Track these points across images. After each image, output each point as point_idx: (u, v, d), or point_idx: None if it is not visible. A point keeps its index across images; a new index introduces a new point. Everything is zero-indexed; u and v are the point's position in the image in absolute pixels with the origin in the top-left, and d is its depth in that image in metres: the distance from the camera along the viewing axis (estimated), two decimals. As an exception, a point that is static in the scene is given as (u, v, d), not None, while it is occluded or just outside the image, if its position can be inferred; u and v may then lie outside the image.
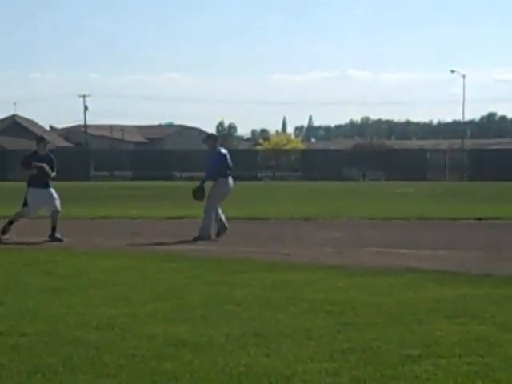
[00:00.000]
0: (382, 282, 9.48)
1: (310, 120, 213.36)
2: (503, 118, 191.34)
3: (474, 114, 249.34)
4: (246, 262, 11.41)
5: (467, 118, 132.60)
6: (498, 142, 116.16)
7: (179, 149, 71.72)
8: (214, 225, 14.89)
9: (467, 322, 7.13)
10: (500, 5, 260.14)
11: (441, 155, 63.84)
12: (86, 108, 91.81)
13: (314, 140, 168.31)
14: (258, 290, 8.90)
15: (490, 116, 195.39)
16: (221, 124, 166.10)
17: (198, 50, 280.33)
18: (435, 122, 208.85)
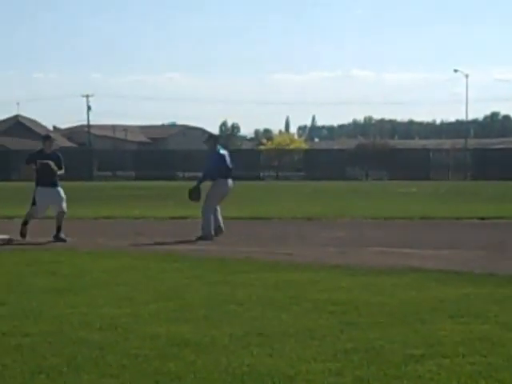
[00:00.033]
0: (385, 281, 9.47)
1: (314, 120, 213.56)
2: (506, 117, 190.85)
3: (477, 113, 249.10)
4: (248, 261, 11.40)
5: (470, 118, 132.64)
6: (502, 141, 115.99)
7: (182, 149, 71.68)
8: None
9: (470, 321, 7.13)
10: (500, 5, 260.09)
11: (444, 155, 63.91)
12: (89, 108, 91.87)
13: (317, 140, 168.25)
14: (261, 289, 8.89)
15: (494, 115, 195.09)
16: (224, 124, 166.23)
17: (198, 50, 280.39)
18: (438, 122, 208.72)
